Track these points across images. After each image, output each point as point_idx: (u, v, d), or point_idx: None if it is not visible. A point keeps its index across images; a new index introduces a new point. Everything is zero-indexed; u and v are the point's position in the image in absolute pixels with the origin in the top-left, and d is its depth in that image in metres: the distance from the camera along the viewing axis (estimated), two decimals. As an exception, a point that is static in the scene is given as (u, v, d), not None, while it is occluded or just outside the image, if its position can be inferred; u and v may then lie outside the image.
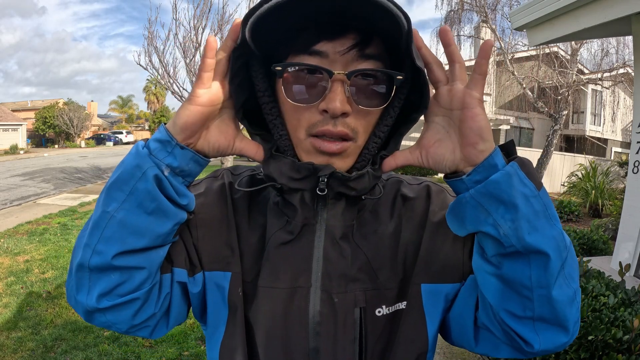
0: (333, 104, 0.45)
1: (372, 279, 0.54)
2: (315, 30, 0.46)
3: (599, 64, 10.61)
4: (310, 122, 0.47)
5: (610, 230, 5.30)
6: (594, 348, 1.65)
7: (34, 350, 2.66)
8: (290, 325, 0.53)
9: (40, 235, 5.35)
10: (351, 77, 0.45)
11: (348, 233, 0.54)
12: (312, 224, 0.53)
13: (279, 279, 0.53)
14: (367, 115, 0.48)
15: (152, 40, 8.19)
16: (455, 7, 10.96)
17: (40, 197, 8.51)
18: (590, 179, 8.59)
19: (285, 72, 0.46)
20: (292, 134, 0.51)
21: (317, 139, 0.48)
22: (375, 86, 0.47)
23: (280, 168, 0.50)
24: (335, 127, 0.46)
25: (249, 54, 0.48)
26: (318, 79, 0.46)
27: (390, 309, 0.55)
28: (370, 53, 0.46)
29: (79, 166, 15.18)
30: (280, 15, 0.42)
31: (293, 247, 0.54)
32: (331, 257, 0.53)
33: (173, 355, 2.62)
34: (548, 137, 10.34)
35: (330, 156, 0.48)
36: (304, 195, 0.52)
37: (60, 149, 26.96)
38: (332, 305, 0.52)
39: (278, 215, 0.55)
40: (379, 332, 0.54)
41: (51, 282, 3.78)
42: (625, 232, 2.99)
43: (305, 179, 0.50)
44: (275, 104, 0.51)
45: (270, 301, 0.53)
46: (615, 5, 2.65)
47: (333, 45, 0.45)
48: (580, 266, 2.16)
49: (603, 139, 15.73)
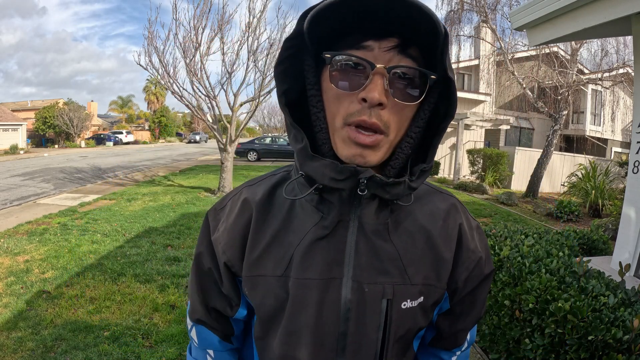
0: (372, 94, 0.49)
1: (401, 274, 0.59)
2: (364, 31, 0.51)
3: (599, 64, 10.60)
4: (349, 110, 0.51)
5: (610, 230, 5.31)
6: (594, 348, 1.65)
7: (34, 350, 2.66)
8: (323, 313, 0.57)
9: (40, 235, 5.35)
10: (390, 72, 0.50)
11: (381, 230, 0.59)
12: (346, 221, 0.58)
13: (313, 271, 0.58)
14: (400, 111, 0.53)
15: (152, 40, 8.18)
16: (455, 7, 10.95)
17: (40, 197, 8.51)
18: (590, 179, 8.59)
19: (333, 59, 0.51)
20: (330, 123, 0.55)
21: (353, 129, 0.51)
22: (410, 84, 0.52)
23: (322, 169, 0.54)
24: (370, 118, 0.50)
25: (300, 47, 0.54)
26: (361, 70, 0.51)
27: (414, 302, 0.60)
28: (410, 53, 0.52)
29: (79, 166, 15.18)
30: (333, 14, 0.48)
31: (328, 241, 0.58)
32: (363, 251, 0.58)
33: (173, 355, 2.62)
34: (548, 137, 10.34)
35: (364, 148, 0.52)
36: (342, 194, 0.57)
37: (60, 149, 26.95)
38: (363, 294, 0.57)
39: (312, 212, 0.60)
40: (402, 322, 0.60)
41: (51, 282, 3.78)
42: (625, 232, 2.99)
43: (347, 180, 0.53)
44: (320, 97, 0.56)
45: (304, 291, 0.58)
46: (615, 5, 2.65)
47: (378, 43, 0.51)
48: (580, 266, 2.16)
49: (603, 139, 15.73)
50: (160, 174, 12.76)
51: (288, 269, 0.59)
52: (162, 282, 3.80)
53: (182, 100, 8.52)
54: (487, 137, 15.62)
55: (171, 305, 3.35)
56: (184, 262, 4.40)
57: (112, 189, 9.49)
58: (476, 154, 12.71)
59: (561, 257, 2.36)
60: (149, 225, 5.99)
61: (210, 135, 33.66)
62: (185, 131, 47.88)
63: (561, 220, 7.51)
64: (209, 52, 8.36)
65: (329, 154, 0.56)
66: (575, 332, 1.70)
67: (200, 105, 8.76)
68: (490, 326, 2.34)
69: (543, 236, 2.98)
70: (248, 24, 8.34)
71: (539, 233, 3.09)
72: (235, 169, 11.95)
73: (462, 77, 16.33)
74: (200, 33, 8.09)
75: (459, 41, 11.41)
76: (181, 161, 18.40)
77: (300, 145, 0.55)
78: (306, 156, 0.55)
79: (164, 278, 3.91)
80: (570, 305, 1.74)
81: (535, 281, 2.02)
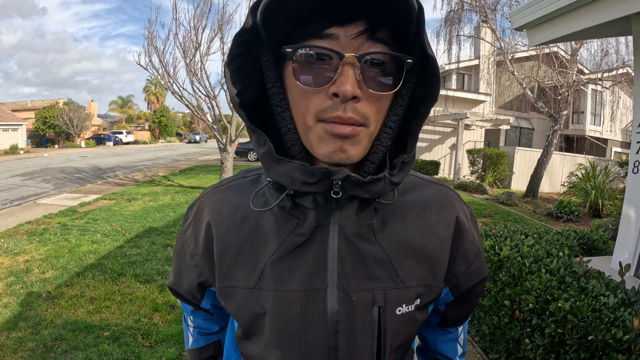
0: (344, 87, 0.44)
1: (393, 278, 0.54)
2: (326, 16, 0.45)
3: (599, 64, 10.59)
4: (319, 107, 0.46)
5: (610, 230, 5.30)
6: (594, 348, 1.65)
7: (34, 350, 2.66)
8: (308, 326, 0.52)
9: (40, 235, 5.35)
10: (362, 60, 0.45)
11: (365, 232, 0.54)
12: (325, 225, 0.53)
13: (293, 282, 0.53)
14: (377, 101, 0.47)
15: (152, 40, 8.18)
16: (455, 7, 10.95)
17: (40, 197, 8.51)
18: (590, 179, 8.59)
19: (295, 54, 0.45)
20: (300, 123, 0.49)
21: (329, 123, 0.46)
22: (385, 70, 0.46)
23: (291, 173, 0.48)
24: (346, 113, 0.45)
25: (254, 41, 0.48)
26: (329, 62, 0.45)
27: (411, 307, 0.55)
28: (380, 37, 0.46)
29: (79, 166, 15.18)
30: (291, 2, 0.42)
31: (306, 249, 0.53)
32: (346, 257, 0.53)
33: (173, 355, 2.62)
34: (548, 137, 10.34)
35: (343, 140, 0.46)
36: (316, 197, 0.51)
37: (60, 149, 26.95)
38: (351, 303, 0.52)
39: (285, 218, 0.54)
40: (398, 329, 0.55)
41: (51, 282, 3.78)
42: (625, 232, 2.99)
43: (319, 182, 0.48)
44: (284, 95, 0.50)
45: (283, 304, 0.53)
46: (615, 5, 2.65)
47: (343, 30, 0.45)
48: (580, 266, 2.16)
49: (603, 139, 15.73)
50: (160, 174, 12.76)
51: (261, 281, 0.54)
52: (162, 282, 3.80)
53: (182, 100, 8.52)
54: (487, 137, 15.62)
55: (171, 305, 3.35)
56: (184, 262, 4.40)
57: (112, 189, 9.49)
58: (476, 154, 12.71)
59: (561, 257, 2.36)
60: (149, 225, 5.99)
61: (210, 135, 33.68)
62: (185, 131, 47.89)
63: (561, 220, 7.51)
64: (209, 52, 8.36)
65: (300, 155, 0.51)
66: (575, 332, 1.70)
67: (200, 105, 8.76)
68: (490, 326, 2.34)
69: (543, 236, 2.98)
70: (248, 24, 8.32)
71: (539, 233, 3.09)
72: (235, 169, 11.95)
73: (462, 77, 16.33)
74: (200, 33, 8.09)
75: (459, 41, 11.42)
76: (181, 161, 18.40)
77: (263, 149, 0.49)
78: (271, 160, 0.49)
79: (164, 278, 3.91)
80: (570, 305, 1.74)
81: (535, 281, 2.02)
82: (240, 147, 17.30)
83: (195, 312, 0.73)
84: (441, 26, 11.42)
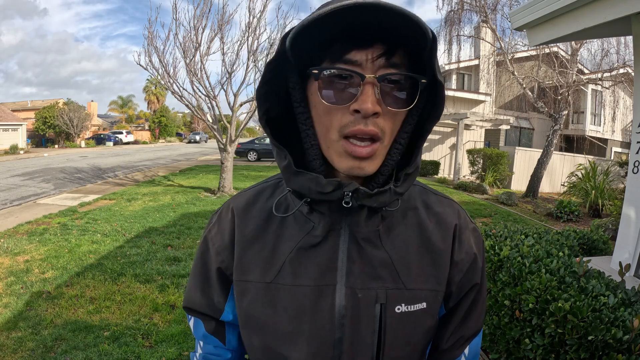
0: (365, 105, 0.49)
1: (395, 279, 0.59)
2: (347, 41, 0.50)
3: (599, 64, 10.60)
4: (342, 123, 0.51)
5: (610, 230, 5.30)
6: (594, 348, 1.65)
7: (34, 350, 2.66)
8: (318, 319, 0.58)
9: (40, 235, 5.35)
10: (381, 81, 0.50)
11: (373, 237, 0.60)
12: (337, 229, 0.59)
13: (306, 277, 0.59)
14: (393, 117, 0.53)
15: (152, 40, 8.18)
16: (455, 7, 10.95)
17: (40, 197, 8.52)
18: (590, 179, 8.59)
19: (321, 75, 0.51)
20: (324, 137, 0.55)
21: (349, 143, 0.52)
22: (401, 89, 0.52)
23: (308, 184, 0.55)
24: (367, 127, 0.51)
25: (284, 65, 0.54)
26: (351, 82, 0.50)
27: (410, 307, 0.60)
28: (396, 62, 0.51)
29: (79, 166, 15.18)
30: (316, 29, 0.48)
31: (320, 249, 0.60)
32: (355, 258, 0.59)
33: (173, 355, 2.62)
34: (548, 137, 10.34)
35: (361, 160, 0.52)
36: (331, 204, 0.58)
37: (60, 149, 26.95)
38: (356, 300, 0.58)
39: (303, 221, 0.61)
40: (397, 326, 0.59)
41: (51, 282, 3.78)
42: (625, 232, 2.99)
43: (332, 193, 0.54)
44: (309, 114, 0.56)
45: (297, 296, 0.59)
46: (615, 5, 2.65)
47: (363, 53, 0.50)
48: (580, 266, 2.16)
49: (603, 139, 15.73)
50: (160, 174, 12.76)
51: (279, 276, 0.60)
52: (162, 282, 3.80)
53: (182, 100, 8.52)
54: (487, 137, 15.63)
55: (171, 305, 3.35)
56: (184, 262, 4.40)
57: (112, 189, 9.49)
58: (476, 154, 12.71)
59: (561, 257, 2.36)
60: (149, 225, 5.99)
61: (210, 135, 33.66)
62: (185, 131, 47.88)
63: (561, 220, 7.51)
64: (209, 52, 8.36)
65: (320, 169, 0.57)
66: (575, 332, 1.70)
67: (200, 105, 8.77)
68: (490, 326, 2.34)
69: (543, 236, 2.98)
70: (248, 24, 8.34)
71: (539, 233, 3.09)
72: (235, 169, 11.96)
73: (462, 77, 16.33)
74: (200, 33, 8.10)
75: (459, 41, 11.41)
76: (181, 161, 18.40)
77: (284, 162, 0.56)
78: (291, 173, 0.56)
79: (164, 278, 3.91)
80: (570, 305, 1.74)
81: (535, 281, 2.02)
82: (240, 147, 17.30)
83: (207, 337, 0.72)
84: (441, 26, 11.42)
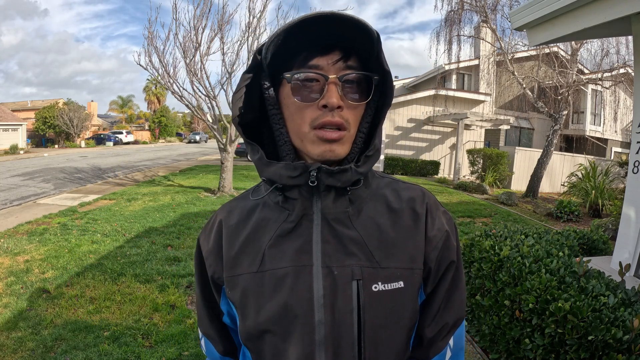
0: (331, 100, 0.59)
1: (369, 258, 0.63)
2: (311, 50, 0.61)
3: (599, 64, 10.59)
4: (313, 117, 0.61)
5: (610, 230, 5.30)
6: (594, 348, 1.65)
7: (34, 350, 2.66)
8: (298, 300, 0.61)
9: (40, 235, 5.35)
10: (341, 80, 0.60)
11: (343, 219, 0.65)
12: (310, 214, 0.64)
13: (284, 260, 0.63)
14: (355, 109, 0.63)
15: (152, 40, 8.18)
16: (455, 8, 10.94)
17: (40, 197, 8.52)
18: (590, 179, 8.59)
19: (292, 78, 0.61)
20: (297, 132, 0.63)
21: (321, 130, 0.60)
22: (358, 86, 0.62)
23: (278, 171, 0.62)
24: (334, 118, 0.60)
25: (257, 75, 0.65)
26: (317, 83, 0.61)
27: (387, 286, 0.62)
28: (352, 64, 0.62)
29: (79, 166, 15.19)
30: (285, 41, 0.59)
31: (295, 234, 0.64)
32: (328, 238, 0.63)
33: (173, 355, 2.62)
34: (548, 137, 10.34)
35: (331, 143, 0.60)
36: (301, 190, 0.64)
37: (60, 149, 26.95)
38: (333, 277, 0.61)
39: (279, 212, 0.67)
40: (376, 306, 0.61)
41: (51, 282, 3.78)
42: (625, 232, 2.99)
43: (300, 176, 0.61)
44: (281, 115, 0.65)
45: (277, 279, 0.63)
46: (615, 5, 2.65)
47: (325, 59, 0.61)
48: (580, 266, 2.16)
49: (603, 139, 15.73)
50: (160, 174, 12.76)
51: (262, 264, 0.64)
52: (162, 282, 3.80)
53: (182, 100, 8.53)
54: (487, 137, 15.63)
55: (171, 305, 3.35)
56: (184, 262, 4.40)
57: (112, 189, 9.50)
58: (476, 154, 12.71)
59: (561, 257, 2.36)
60: (149, 225, 5.99)
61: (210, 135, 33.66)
62: (185, 131, 47.87)
63: (561, 220, 7.51)
64: (209, 52, 8.36)
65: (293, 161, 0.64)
66: (575, 332, 1.70)
67: (200, 105, 8.76)
68: (490, 326, 2.34)
69: (543, 236, 2.98)
70: (248, 24, 8.34)
71: (539, 233, 3.09)
72: (235, 169, 11.96)
73: (462, 77, 16.33)
74: (200, 33, 8.09)
75: (459, 41, 11.40)
76: (181, 161, 18.41)
77: (257, 156, 0.65)
78: (263, 164, 0.64)
79: (164, 278, 3.91)
80: (570, 305, 1.74)
81: (535, 281, 2.02)
82: (240, 147, 17.29)
83: (224, 359, 0.76)
84: (441, 26, 11.42)
